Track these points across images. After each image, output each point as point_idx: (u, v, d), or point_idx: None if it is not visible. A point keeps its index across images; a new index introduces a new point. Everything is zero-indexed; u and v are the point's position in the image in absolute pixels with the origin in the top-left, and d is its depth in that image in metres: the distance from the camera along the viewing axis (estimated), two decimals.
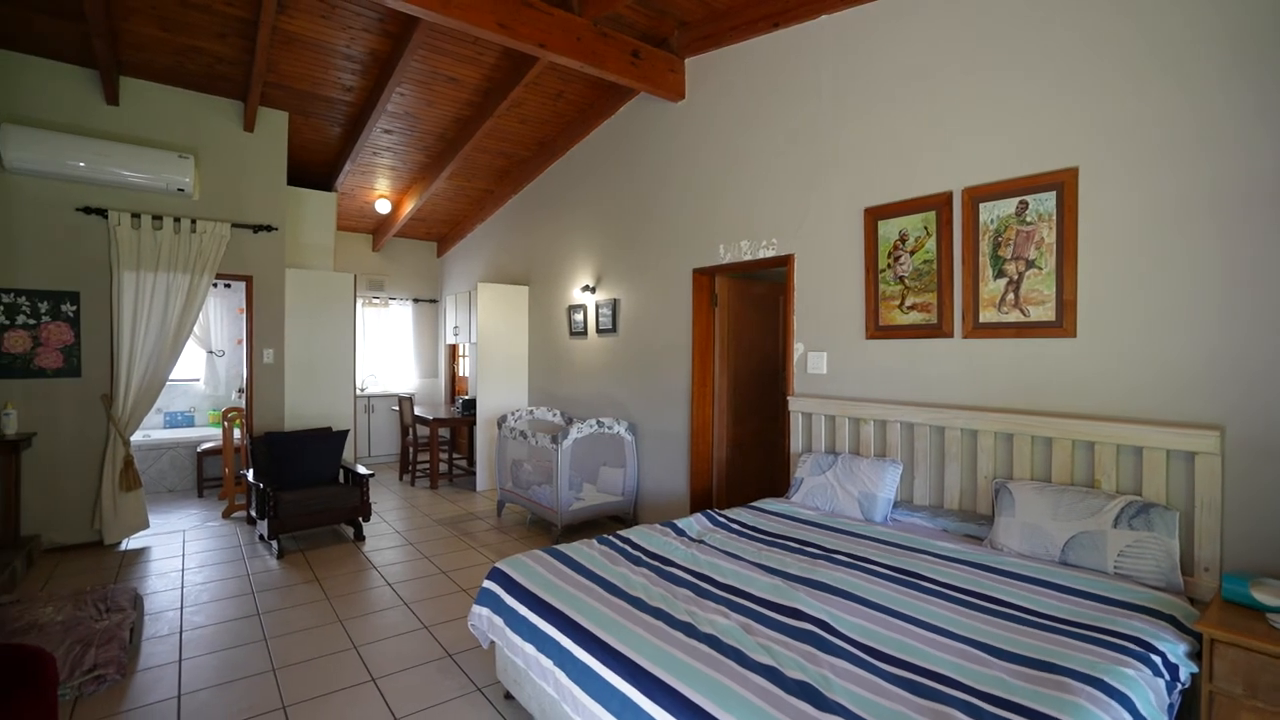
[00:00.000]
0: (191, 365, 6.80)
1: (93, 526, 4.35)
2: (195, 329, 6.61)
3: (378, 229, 7.86)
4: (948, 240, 2.99)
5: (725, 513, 3.16)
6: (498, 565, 2.46)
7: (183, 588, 3.67)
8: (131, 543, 4.46)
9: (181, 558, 4.18)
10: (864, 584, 2.22)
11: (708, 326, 4.46)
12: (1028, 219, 2.72)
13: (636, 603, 2.08)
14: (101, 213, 4.35)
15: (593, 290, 5.39)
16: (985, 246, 2.86)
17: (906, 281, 3.16)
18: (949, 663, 1.70)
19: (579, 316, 5.57)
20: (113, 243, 4.34)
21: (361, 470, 4.58)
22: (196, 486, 5.85)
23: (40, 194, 4.21)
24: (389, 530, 4.82)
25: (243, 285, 5.18)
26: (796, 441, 3.66)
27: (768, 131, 3.90)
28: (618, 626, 1.91)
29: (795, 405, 3.66)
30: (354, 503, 4.49)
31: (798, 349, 3.71)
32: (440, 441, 6.53)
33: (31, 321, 4.19)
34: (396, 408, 6.94)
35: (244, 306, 5.14)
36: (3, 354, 4.11)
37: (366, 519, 4.59)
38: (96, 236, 4.36)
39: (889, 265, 3.23)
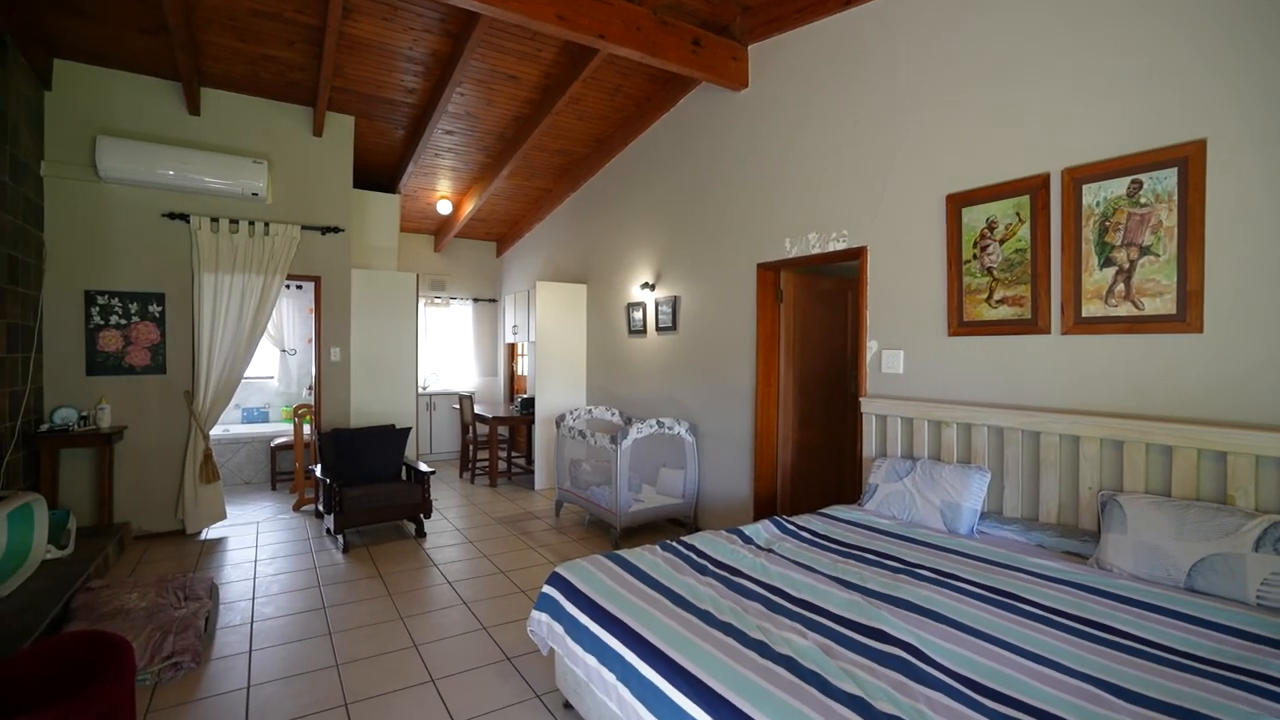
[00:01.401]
0: (266, 363, 7.10)
1: (176, 516, 4.56)
2: (269, 328, 6.90)
3: (439, 230, 8.01)
4: (1044, 226, 2.72)
5: (794, 520, 2.99)
6: (558, 570, 2.38)
7: (255, 578, 3.78)
8: (211, 532, 4.65)
9: (254, 549, 4.32)
10: (954, 604, 2.01)
11: (772, 324, 4.28)
12: (1142, 200, 2.43)
13: (705, 616, 1.95)
14: (184, 218, 4.56)
15: (652, 288, 5.28)
16: (1089, 233, 2.58)
17: (995, 273, 2.90)
18: (1064, 702, 1.49)
19: (638, 314, 5.47)
20: (194, 246, 4.54)
21: (423, 468, 4.63)
22: (270, 480, 6.09)
23: (131, 201, 4.44)
24: (449, 528, 4.86)
25: (312, 286, 5.34)
26: (869, 445, 3.43)
27: (837, 117, 3.69)
28: (686, 643, 1.78)
29: (868, 407, 3.44)
30: (416, 500, 4.54)
31: (871, 347, 3.48)
32: (499, 440, 6.57)
33: (123, 321, 4.43)
34: (457, 406, 7.04)
35: (314, 307, 5.29)
36: (98, 352, 4.36)
37: (428, 516, 4.63)
38: (180, 240, 4.57)
39: (975, 256, 2.98)
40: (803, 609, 2.02)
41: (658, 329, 5.23)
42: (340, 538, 4.29)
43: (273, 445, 6.05)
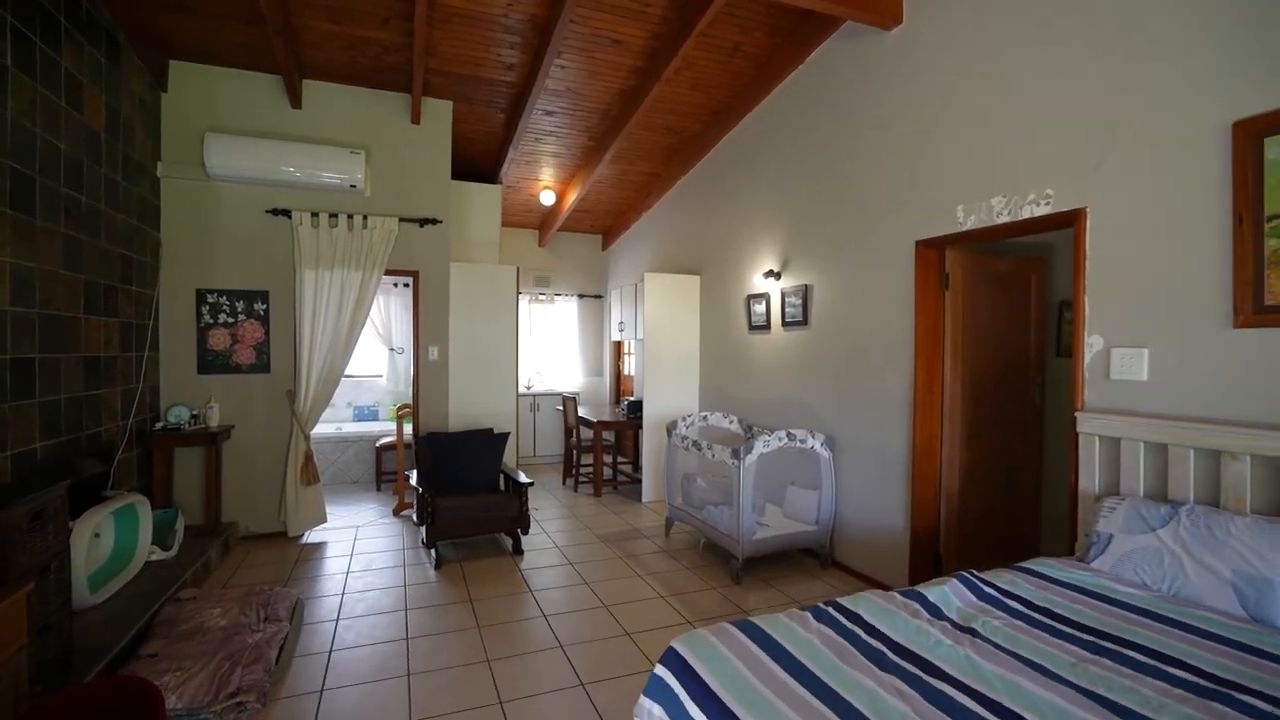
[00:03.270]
0: (376, 361, 7.11)
1: (279, 518, 4.45)
2: (377, 326, 6.88)
3: (543, 224, 7.70)
4: None
5: (992, 580, 2.18)
6: (674, 646, 1.76)
7: (343, 594, 3.50)
8: (311, 536, 4.52)
9: (349, 557, 4.09)
10: None
11: (935, 315, 3.43)
12: None
13: None
14: (286, 213, 4.44)
15: (777, 276, 4.55)
16: None
17: None
18: None
19: (760, 307, 4.76)
20: (295, 242, 4.41)
21: (522, 478, 4.21)
22: (375, 480, 6.00)
23: (237, 199, 4.38)
24: (549, 544, 4.41)
25: (420, 286, 5.10)
26: (1091, 478, 2.53)
27: (1035, 41, 2.79)
28: None
29: (1089, 425, 2.53)
30: (512, 513, 4.12)
31: (1091, 344, 2.57)
32: (604, 445, 6.10)
33: (230, 320, 4.37)
34: (560, 408, 6.69)
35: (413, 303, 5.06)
36: (208, 351, 4.33)
37: (525, 531, 4.20)
38: (282, 237, 4.46)
39: None
40: None
41: (784, 324, 4.49)
42: (433, 551, 3.96)
43: (378, 445, 5.96)
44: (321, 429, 6.43)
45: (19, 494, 2.28)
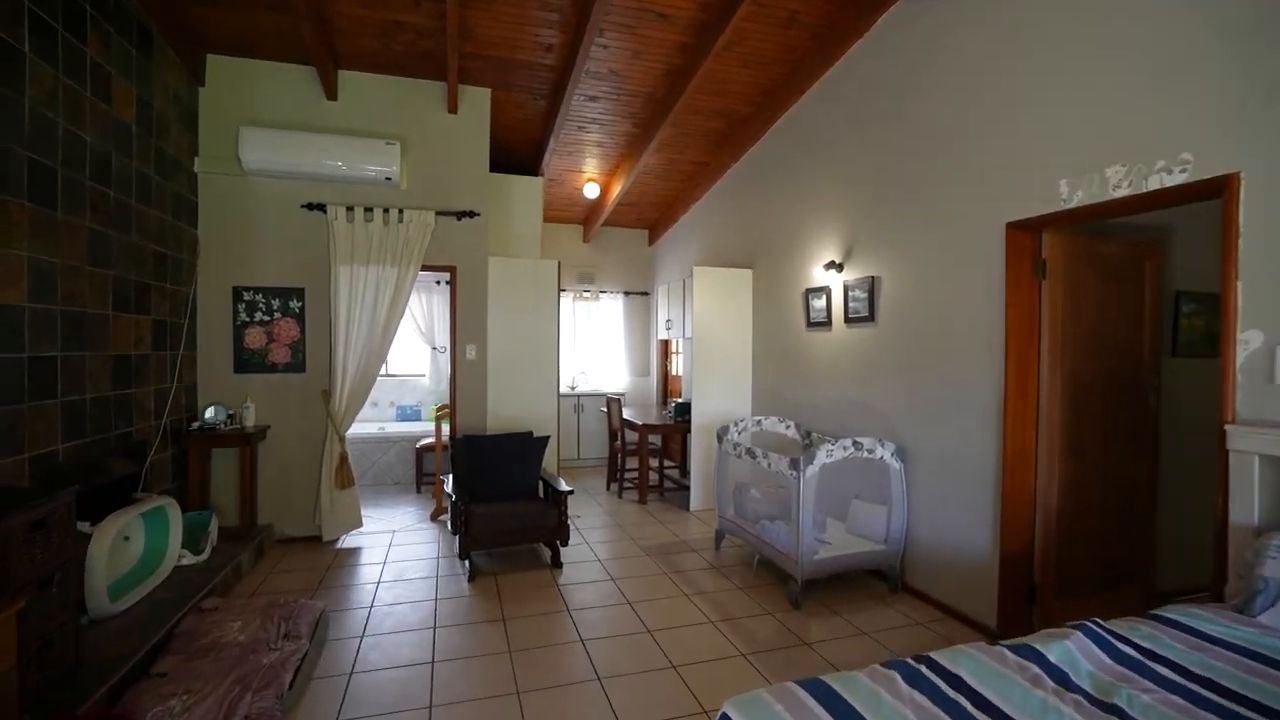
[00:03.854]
0: (418, 360, 7.01)
1: (314, 521, 4.32)
2: (419, 324, 6.77)
3: (587, 218, 7.45)
4: None
5: (1127, 634, 1.75)
6: (728, 713, 1.42)
7: (371, 607, 3.30)
8: (346, 540, 4.37)
9: (382, 565, 3.91)
10: None
11: (1029, 308, 2.96)
12: None
13: None
14: (321, 208, 4.31)
15: (839, 268, 4.13)
16: None
17: None
18: None
19: (819, 302, 4.35)
20: (331, 237, 4.27)
21: (562, 486, 3.93)
22: (416, 482, 5.86)
23: (273, 194, 4.27)
24: (590, 556, 4.13)
25: (450, 278, 4.91)
26: (1247, 507, 2.04)
27: None
28: None
29: (1244, 441, 2.05)
30: (551, 523, 3.86)
31: (1246, 341, 2.09)
32: (650, 448, 5.79)
33: (266, 318, 4.27)
34: (605, 409, 6.41)
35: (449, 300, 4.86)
36: (244, 349, 4.23)
37: (564, 543, 3.93)
38: (318, 233, 4.33)
39: None
40: None
41: (847, 320, 4.07)
42: (467, 563, 3.74)
43: (418, 446, 5.82)
44: (363, 428, 6.37)
45: (22, 500, 2.13)
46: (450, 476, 4.19)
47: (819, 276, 4.35)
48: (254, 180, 4.23)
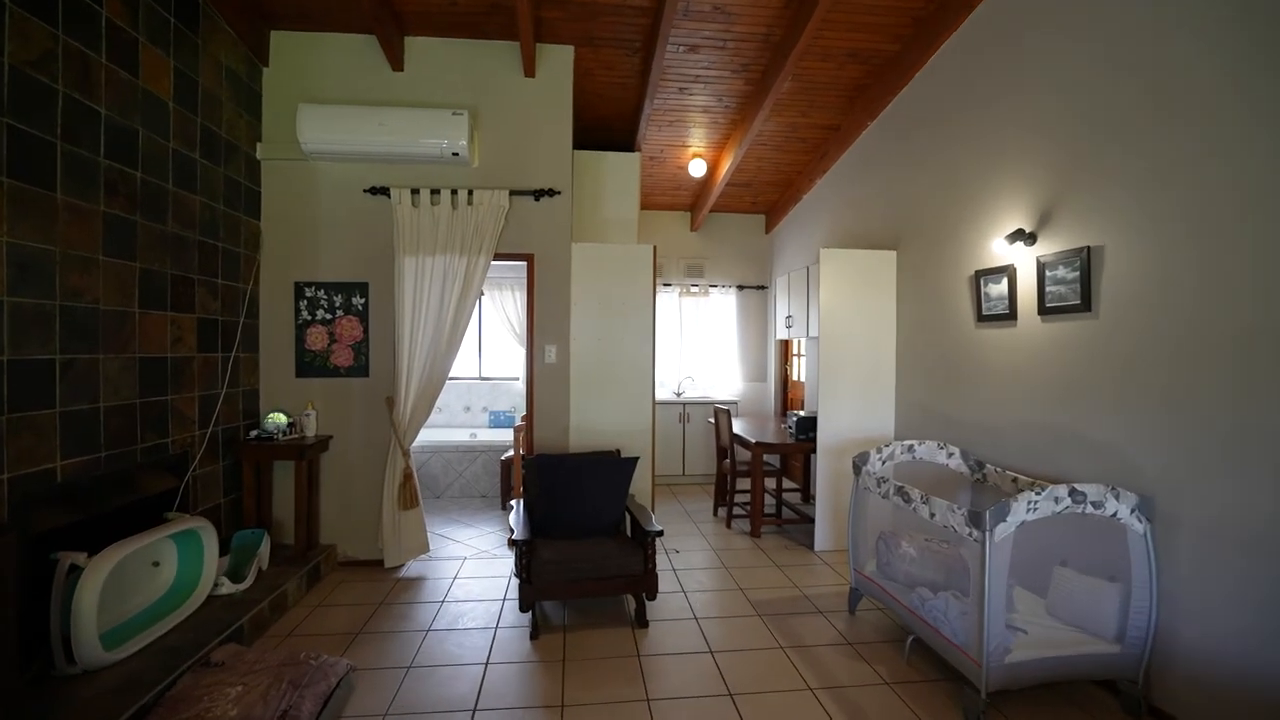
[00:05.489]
0: (513, 363, 6.53)
1: (376, 544, 3.85)
2: (512, 323, 6.27)
3: (695, 202, 6.59)
4: None
5: None
6: None
7: (409, 668, 2.68)
8: (411, 568, 3.86)
9: (439, 605, 3.32)
10: None
11: None
12: None
13: None
14: (384, 192, 3.83)
15: (1030, 239, 2.96)
16: None
17: None
18: None
19: (998, 287, 3.18)
20: (395, 225, 3.77)
21: (653, 525, 3.11)
22: (501, 497, 5.32)
23: (335, 179, 3.86)
24: (684, 610, 3.28)
25: (535, 272, 4.26)
26: None
27: None
28: None
29: None
30: (635, 571, 3.06)
31: None
32: (766, 468, 4.81)
33: (328, 316, 3.87)
34: (713, 420, 5.51)
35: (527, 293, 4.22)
36: (305, 351, 3.85)
37: (651, 597, 3.11)
38: (382, 220, 3.86)
39: None
40: None
41: (1043, 310, 2.89)
42: (530, 614, 3.03)
43: (503, 459, 5.27)
44: (452, 435, 5.97)
45: None
46: (517, 504, 3.52)
47: (997, 252, 3.19)
48: (315, 165, 3.84)
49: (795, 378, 6.44)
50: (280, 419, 3.69)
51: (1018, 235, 2.98)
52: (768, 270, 6.91)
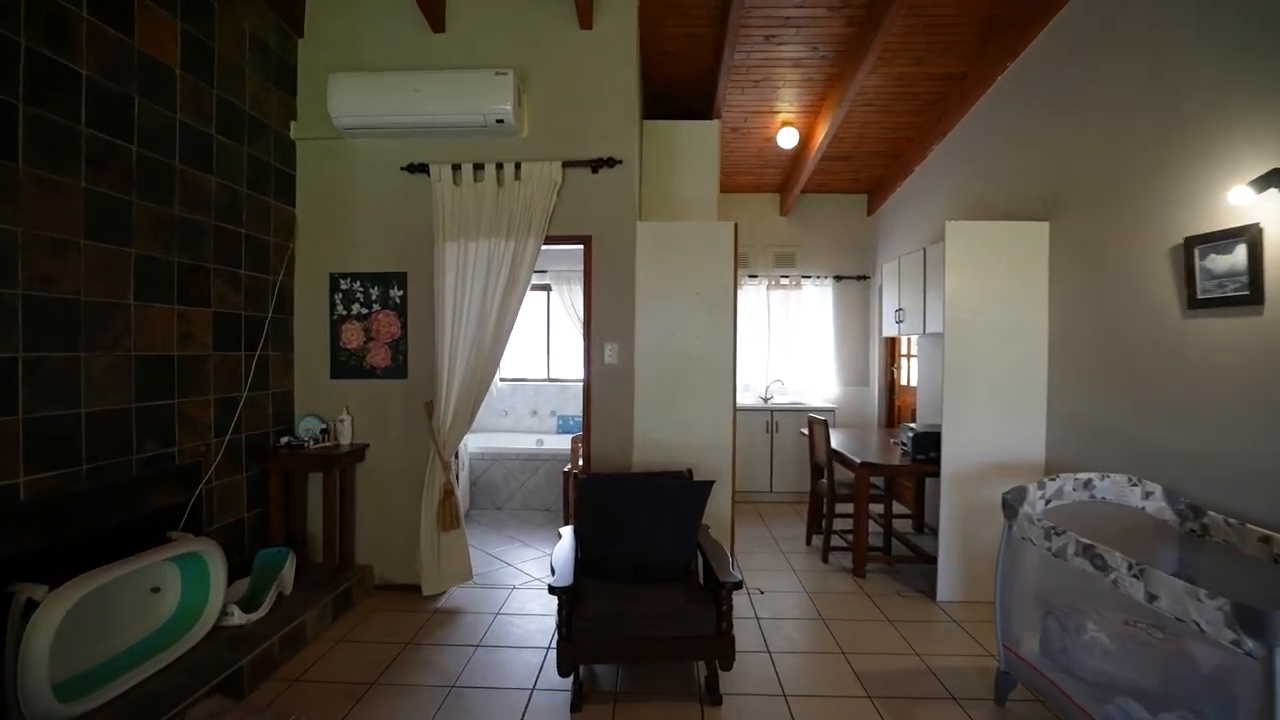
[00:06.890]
0: (581, 364, 6.00)
1: (414, 568, 3.40)
2: (581, 321, 5.73)
3: (785, 182, 5.78)
4: None
5: None
6: None
7: None
8: (451, 597, 3.38)
9: (474, 650, 2.79)
10: None
11: None
12: None
13: None
14: (424, 169, 3.38)
15: None
16: None
17: None
18: None
19: (1223, 259, 2.24)
20: (435, 206, 3.31)
21: (732, 574, 2.42)
22: (564, 512, 4.78)
23: (371, 157, 3.46)
24: (770, 684, 2.56)
25: (593, 256, 3.67)
26: None
27: None
28: None
29: None
30: (704, 631, 2.38)
31: None
32: (873, 493, 3.96)
33: (364, 311, 3.47)
34: (806, 431, 4.69)
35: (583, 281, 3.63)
36: (340, 350, 3.47)
37: (726, 666, 2.42)
38: (421, 202, 3.41)
39: None
40: None
41: None
42: (573, 677, 2.43)
43: (565, 470, 4.74)
44: (515, 441, 5.52)
45: None
46: (565, 533, 2.93)
47: (1222, 210, 2.25)
48: (350, 143, 3.45)
49: (904, 382, 5.49)
50: (314, 424, 3.32)
51: (1271, 178, 2.03)
52: (870, 258, 5.98)
